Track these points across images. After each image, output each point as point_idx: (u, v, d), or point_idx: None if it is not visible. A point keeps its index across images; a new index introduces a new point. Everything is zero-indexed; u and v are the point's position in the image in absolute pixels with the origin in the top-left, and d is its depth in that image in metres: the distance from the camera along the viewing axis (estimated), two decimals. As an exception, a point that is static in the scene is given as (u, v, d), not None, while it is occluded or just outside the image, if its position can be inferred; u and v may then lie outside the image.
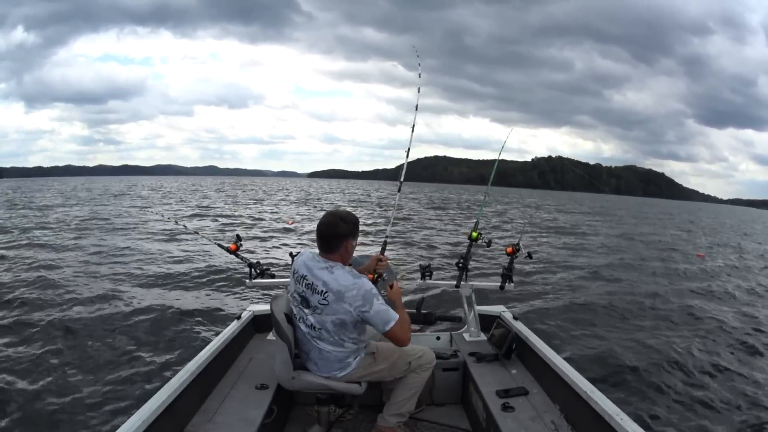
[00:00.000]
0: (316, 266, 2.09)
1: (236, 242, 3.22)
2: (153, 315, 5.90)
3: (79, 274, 8.18)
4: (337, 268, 2.07)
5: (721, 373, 4.78)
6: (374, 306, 2.00)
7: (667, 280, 9.91)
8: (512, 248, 3.04)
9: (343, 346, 2.11)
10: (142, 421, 1.71)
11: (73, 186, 64.88)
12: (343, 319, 2.03)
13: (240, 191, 51.46)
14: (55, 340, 4.96)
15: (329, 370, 2.14)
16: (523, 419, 2.10)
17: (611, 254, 13.59)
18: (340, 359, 2.13)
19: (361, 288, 2.00)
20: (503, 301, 4.11)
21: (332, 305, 2.02)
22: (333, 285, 2.02)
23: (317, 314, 2.07)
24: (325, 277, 2.05)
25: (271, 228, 16.18)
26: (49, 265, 9.00)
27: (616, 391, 4.07)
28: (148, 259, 9.77)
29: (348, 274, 2.05)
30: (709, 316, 6.91)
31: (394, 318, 2.02)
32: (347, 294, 2.00)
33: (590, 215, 34.41)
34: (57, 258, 9.73)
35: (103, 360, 4.49)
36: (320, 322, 2.07)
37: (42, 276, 7.90)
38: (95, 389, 3.90)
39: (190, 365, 2.21)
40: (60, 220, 17.73)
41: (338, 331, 2.06)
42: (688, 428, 3.73)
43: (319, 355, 2.12)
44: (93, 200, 30.98)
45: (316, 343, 2.11)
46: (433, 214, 24.89)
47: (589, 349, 5.21)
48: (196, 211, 22.90)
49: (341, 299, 2.01)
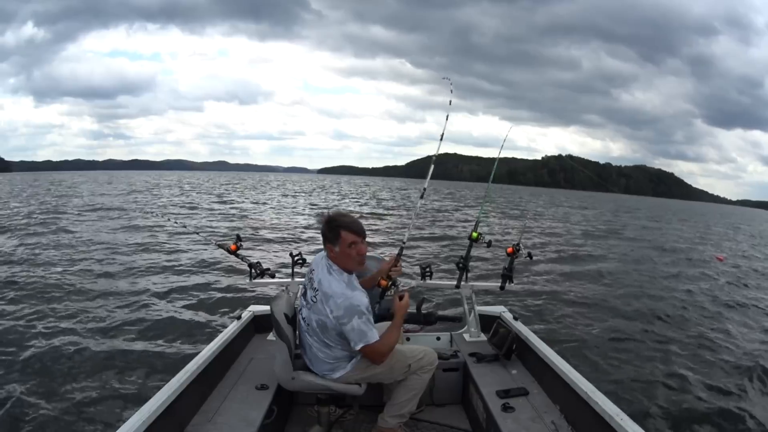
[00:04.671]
0: (321, 263, 2.14)
1: (236, 242, 3.22)
2: (153, 315, 5.89)
3: (78, 273, 8.17)
4: (335, 270, 2.09)
5: (722, 373, 4.77)
6: (353, 322, 1.99)
7: (677, 282, 9.74)
8: (513, 248, 3.03)
9: (329, 348, 2.11)
10: (142, 422, 1.71)
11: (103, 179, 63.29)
12: (324, 322, 2.06)
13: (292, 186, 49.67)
14: (54, 339, 4.95)
15: (322, 370, 2.16)
16: (524, 419, 2.10)
17: (619, 255, 13.45)
18: (328, 361, 2.14)
19: (347, 300, 2.01)
20: (503, 301, 4.11)
21: (318, 304, 2.07)
22: (325, 286, 2.06)
23: (308, 308, 2.13)
24: (322, 275, 2.09)
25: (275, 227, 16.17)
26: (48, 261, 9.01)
27: (617, 392, 4.06)
28: (148, 259, 9.77)
29: (342, 282, 2.06)
30: (715, 318, 6.84)
31: (370, 340, 2.02)
32: (331, 301, 2.02)
33: (604, 216, 33.70)
34: (56, 256, 9.72)
35: (102, 360, 4.48)
36: (310, 318, 2.12)
37: (41, 273, 7.91)
38: (95, 389, 3.90)
39: (191, 365, 2.21)
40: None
41: (321, 331, 2.09)
42: (688, 429, 3.73)
43: (311, 352, 2.16)
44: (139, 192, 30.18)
45: (306, 338, 2.15)
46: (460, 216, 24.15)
47: (589, 349, 5.20)
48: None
49: (326, 303, 2.04)
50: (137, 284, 7.58)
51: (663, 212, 49.56)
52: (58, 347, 4.75)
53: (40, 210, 19.75)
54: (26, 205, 22.06)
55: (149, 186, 47.03)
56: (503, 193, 69.03)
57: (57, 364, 4.36)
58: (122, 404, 3.64)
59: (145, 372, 4.25)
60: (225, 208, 23.83)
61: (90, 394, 3.84)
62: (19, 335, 5.09)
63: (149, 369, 4.31)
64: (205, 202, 27.24)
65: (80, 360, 4.47)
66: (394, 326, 2.18)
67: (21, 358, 4.48)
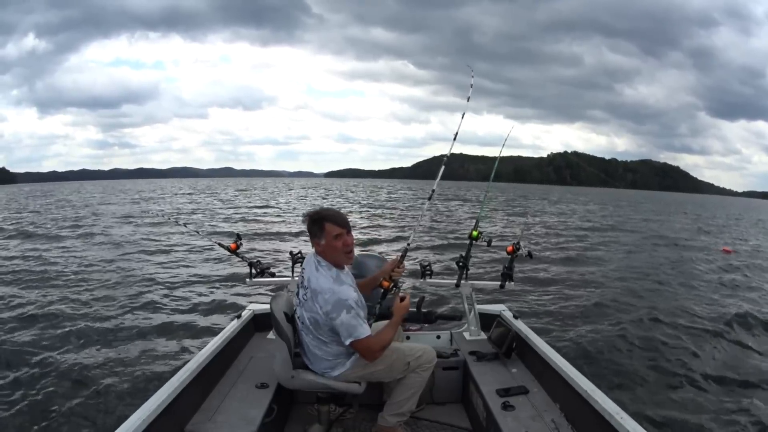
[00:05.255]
0: (311, 261, 2.17)
1: (236, 241, 3.22)
2: (152, 314, 5.90)
3: (77, 273, 8.18)
4: (323, 266, 2.10)
5: (724, 375, 4.75)
6: (342, 316, 2.00)
7: (682, 277, 9.64)
8: (512, 247, 3.03)
9: (325, 345, 2.12)
10: (142, 420, 1.71)
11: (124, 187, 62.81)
12: (316, 319, 2.08)
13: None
14: (53, 339, 4.96)
15: (320, 368, 2.16)
16: (524, 418, 2.10)
17: (621, 251, 13.39)
18: (326, 358, 2.14)
19: (334, 295, 2.02)
20: (503, 300, 4.11)
21: (309, 302, 2.09)
22: (313, 283, 2.09)
23: (300, 307, 2.15)
24: (311, 272, 2.12)
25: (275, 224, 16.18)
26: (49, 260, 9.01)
27: (617, 390, 4.06)
28: (148, 259, 9.78)
29: (329, 278, 2.08)
30: (719, 315, 6.77)
31: (361, 335, 2.02)
32: (320, 297, 2.04)
33: (611, 211, 33.34)
34: (55, 255, 9.73)
35: (102, 359, 4.49)
36: (302, 316, 2.14)
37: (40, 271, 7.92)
38: (95, 388, 3.91)
39: (191, 364, 2.22)
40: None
41: (314, 328, 2.10)
42: (688, 428, 3.72)
43: (309, 349, 2.17)
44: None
45: (303, 336, 2.16)
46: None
47: (589, 348, 5.19)
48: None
49: (315, 299, 2.06)
50: (137, 283, 7.59)
51: (667, 206, 48.86)
52: (58, 347, 4.76)
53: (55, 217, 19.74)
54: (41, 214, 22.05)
55: (188, 191, 46.19)
56: (511, 191, 68.20)
57: (57, 363, 4.36)
58: (122, 403, 3.64)
59: (145, 370, 4.25)
60: (231, 212, 23.82)
61: (90, 392, 3.85)
62: (19, 335, 5.10)
63: (149, 367, 4.32)
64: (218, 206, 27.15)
65: (80, 358, 4.48)
66: (391, 325, 2.19)
67: (21, 358, 4.49)
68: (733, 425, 3.78)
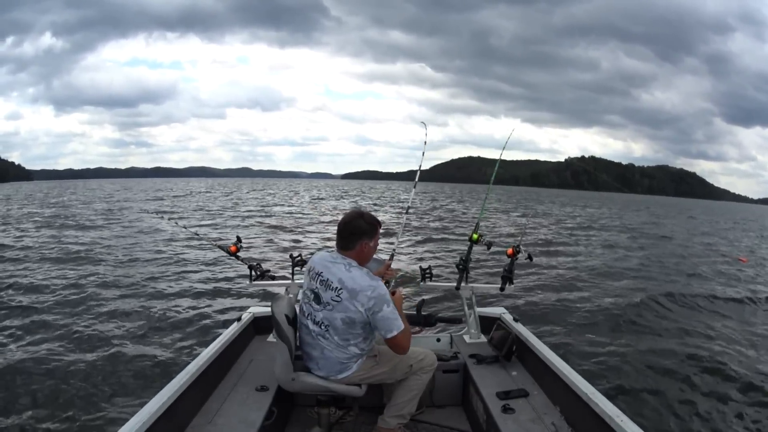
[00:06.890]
0: (332, 263, 2.13)
1: (236, 244, 3.21)
2: (152, 316, 5.89)
3: (78, 275, 8.17)
4: (354, 267, 2.11)
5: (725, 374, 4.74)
6: (383, 311, 2.03)
7: (690, 282, 9.60)
8: (513, 250, 3.03)
9: (347, 349, 2.12)
10: (142, 423, 1.71)
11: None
12: (352, 318, 2.06)
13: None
14: (53, 340, 4.95)
15: (329, 371, 2.15)
16: (524, 421, 2.10)
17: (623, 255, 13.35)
18: (342, 361, 2.14)
19: (375, 290, 2.04)
20: (503, 302, 4.11)
21: (344, 303, 2.06)
22: (349, 283, 2.06)
23: (327, 310, 2.09)
24: (341, 274, 2.08)
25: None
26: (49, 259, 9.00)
27: (617, 393, 4.05)
28: (148, 260, 9.77)
29: (366, 276, 2.09)
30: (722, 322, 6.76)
31: (399, 327, 2.06)
32: (361, 294, 2.04)
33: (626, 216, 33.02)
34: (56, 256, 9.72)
35: (102, 361, 4.48)
36: (329, 319, 2.10)
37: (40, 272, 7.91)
38: (94, 391, 3.90)
39: (190, 367, 2.21)
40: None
41: (346, 329, 2.09)
42: (688, 429, 3.72)
43: (322, 354, 2.14)
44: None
45: (320, 342, 2.13)
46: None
47: (589, 350, 5.19)
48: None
49: (354, 298, 2.04)
50: (137, 286, 7.58)
51: (684, 211, 47.55)
52: (58, 348, 4.75)
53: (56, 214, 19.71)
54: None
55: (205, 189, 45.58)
56: (518, 195, 66.89)
57: (57, 365, 4.35)
58: (122, 406, 3.64)
59: (144, 373, 4.25)
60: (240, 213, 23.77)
61: (89, 395, 3.84)
62: (19, 336, 5.09)
63: (149, 370, 4.31)
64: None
65: (80, 361, 4.47)
66: (402, 317, 2.20)
67: (20, 358, 4.48)
68: (733, 427, 3.78)
